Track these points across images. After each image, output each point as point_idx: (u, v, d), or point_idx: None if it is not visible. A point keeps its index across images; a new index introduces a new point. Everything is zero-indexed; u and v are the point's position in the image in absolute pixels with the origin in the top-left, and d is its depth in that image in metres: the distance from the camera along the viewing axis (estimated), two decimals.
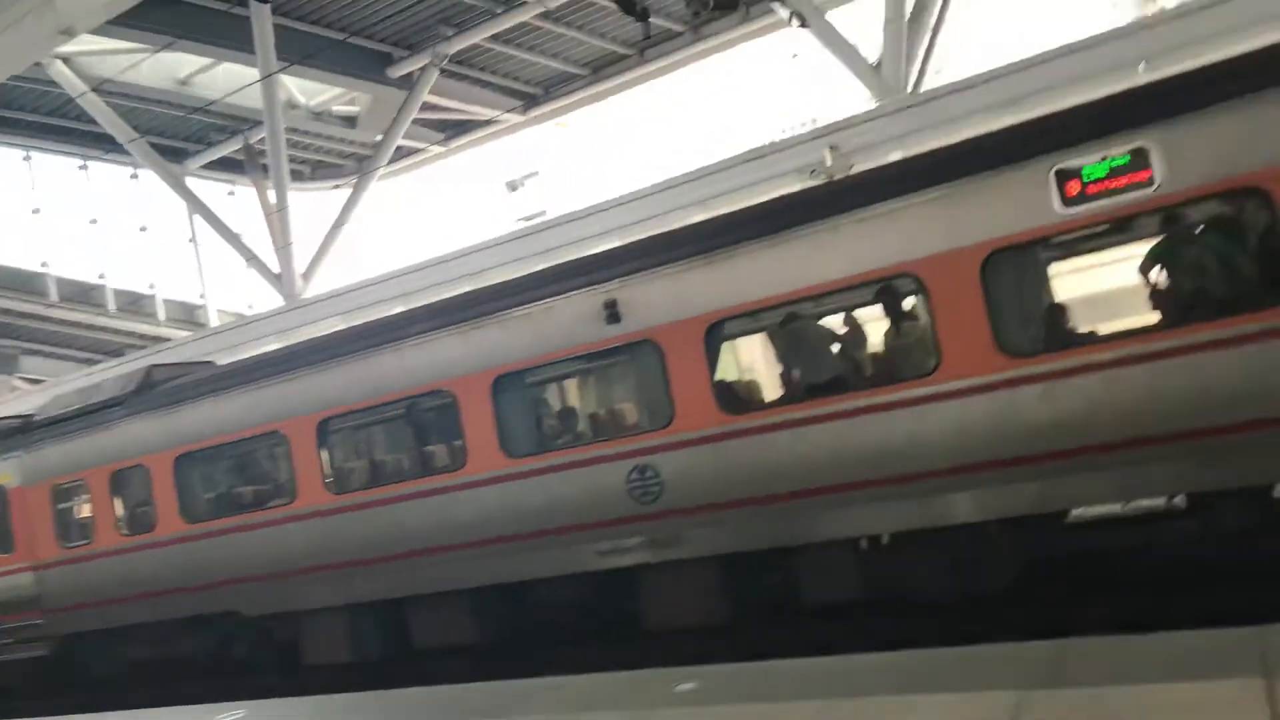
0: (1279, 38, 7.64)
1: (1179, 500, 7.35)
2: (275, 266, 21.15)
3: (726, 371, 8.93)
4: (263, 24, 16.78)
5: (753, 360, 9.34)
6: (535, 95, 23.41)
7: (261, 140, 20.73)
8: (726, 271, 8.16)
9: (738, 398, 8.53)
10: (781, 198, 9.64)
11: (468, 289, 12.48)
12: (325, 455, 10.26)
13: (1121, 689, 4.28)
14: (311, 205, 24.14)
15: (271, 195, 20.86)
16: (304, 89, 21.46)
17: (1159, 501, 7.67)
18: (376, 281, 18.64)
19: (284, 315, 19.64)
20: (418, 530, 9.51)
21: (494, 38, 20.07)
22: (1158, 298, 7.20)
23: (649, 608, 8.66)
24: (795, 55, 12.53)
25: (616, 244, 11.00)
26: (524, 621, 9.59)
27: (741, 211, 9.44)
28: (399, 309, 13.50)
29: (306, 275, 21.24)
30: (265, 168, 21.19)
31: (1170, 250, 7.18)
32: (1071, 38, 12.96)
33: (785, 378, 8.62)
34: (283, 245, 20.59)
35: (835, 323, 8.73)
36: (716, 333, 8.28)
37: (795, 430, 7.84)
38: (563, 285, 9.03)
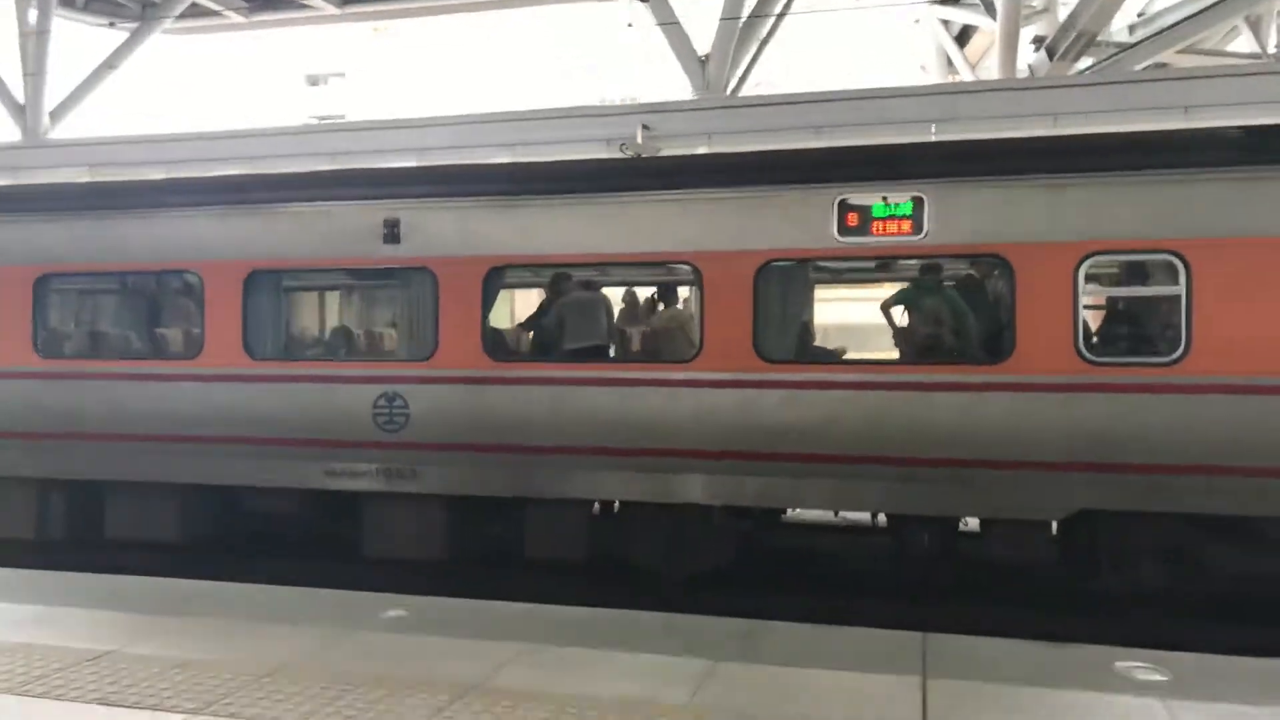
0: (1048, 131, 8.59)
1: (881, 519, 8.15)
2: (20, 97, 18.70)
3: (498, 318, 8.90)
4: None
5: (525, 312, 9.34)
6: None
7: None
8: (518, 220, 8.12)
9: (505, 345, 8.53)
10: (587, 162, 9.70)
11: (241, 172, 11.63)
12: (40, 313, 9.25)
13: (801, 670, 4.69)
14: (77, 40, 21.53)
15: (32, 15, 18.41)
16: None
17: (864, 516, 8.48)
18: (137, 140, 16.91)
19: (18, 151, 17.44)
20: (133, 413, 8.80)
21: None
22: (899, 334, 7.92)
23: (372, 535, 8.51)
24: (630, 25, 12.55)
25: (411, 165, 10.64)
26: (235, 529, 9.15)
27: (546, 165, 9.42)
28: (157, 176, 12.37)
29: (56, 114, 18.94)
30: None
31: (921, 294, 7.90)
32: (881, 84, 13.85)
33: (554, 336, 8.70)
34: (33, 72, 18.23)
35: (613, 294, 8.91)
36: (497, 277, 8.23)
37: (553, 389, 7.95)
38: (346, 191, 8.63)
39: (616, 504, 8.28)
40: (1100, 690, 4.46)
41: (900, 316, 7.92)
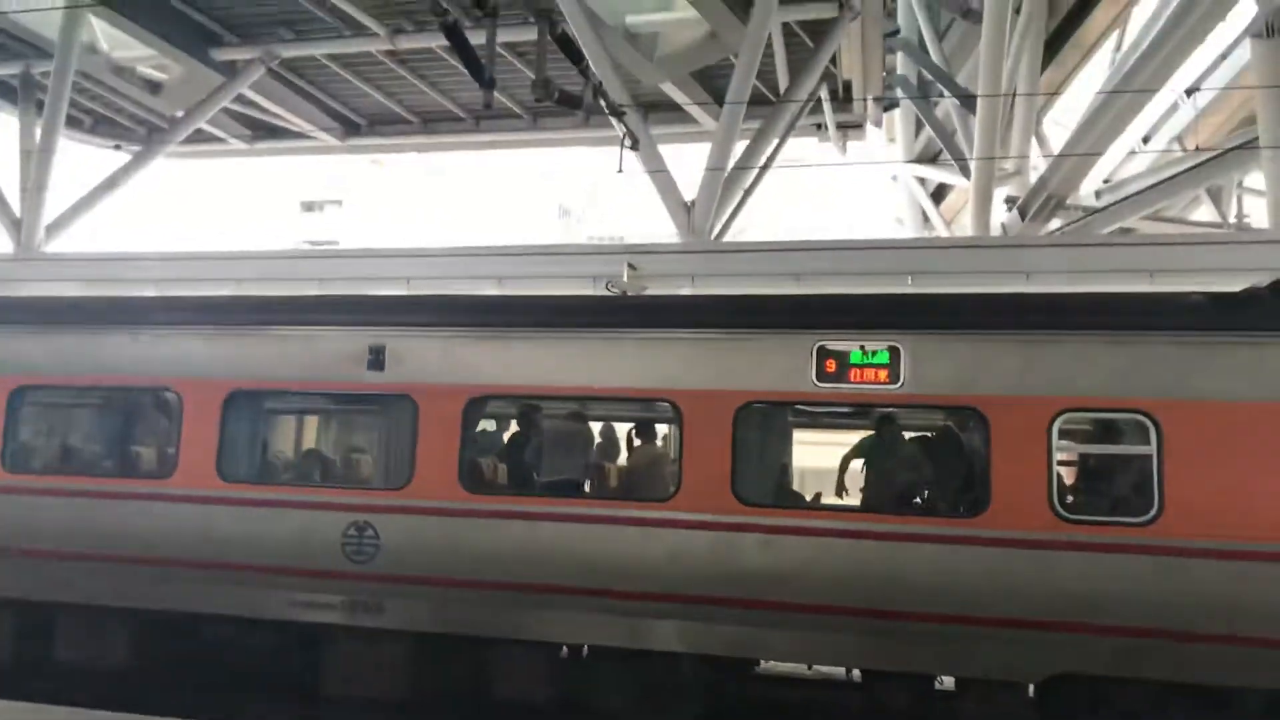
0: (1021, 288, 8.85)
1: (855, 673, 7.94)
2: (17, 210, 18.97)
3: (477, 448, 8.86)
4: None
5: (504, 443, 9.29)
6: (359, 125, 22.85)
7: (46, 74, 18.84)
8: (502, 351, 8.20)
9: (481, 477, 8.45)
10: (572, 297, 9.89)
11: (229, 293, 11.76)
12: (11, 425, 9.13)
13: None
14: (80, 160, 22.05)
15: (38, 132, 18.87)
16: (113, 38, 19.79)
17: (839, 670, 8.26)
18: (129, 258, 17.10)
19: (10, 264, 17.59)
20: (97, 532, 8.57)
21: (333, 56, 19.55)
22: (875, 482, 7.92)
23: (333, 671, 8.18)
24: (620, 171, 13.03)
25: (399, 293, 10.81)
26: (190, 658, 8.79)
27: (532, 298, 9.59)
28: (149, 293, 12.48)
29: (52, 229, 19.18)
30: (41, 104, 19.20)
31: (898, 443, 7.96)
32: (861, 235, 14.34)
33: (531, 469, 8.65)
34: (35, 188, 18.54)
35: (593, 429, 8.92)
36: (477, 407, 8.24)
37: (527, 523, 7.84)
38: (333, 317, 8.72)
39: (585, 648, 8.05)
40: None
41: (876, 465, 7.94)
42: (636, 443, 9.14)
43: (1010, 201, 16.88)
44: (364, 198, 56.08)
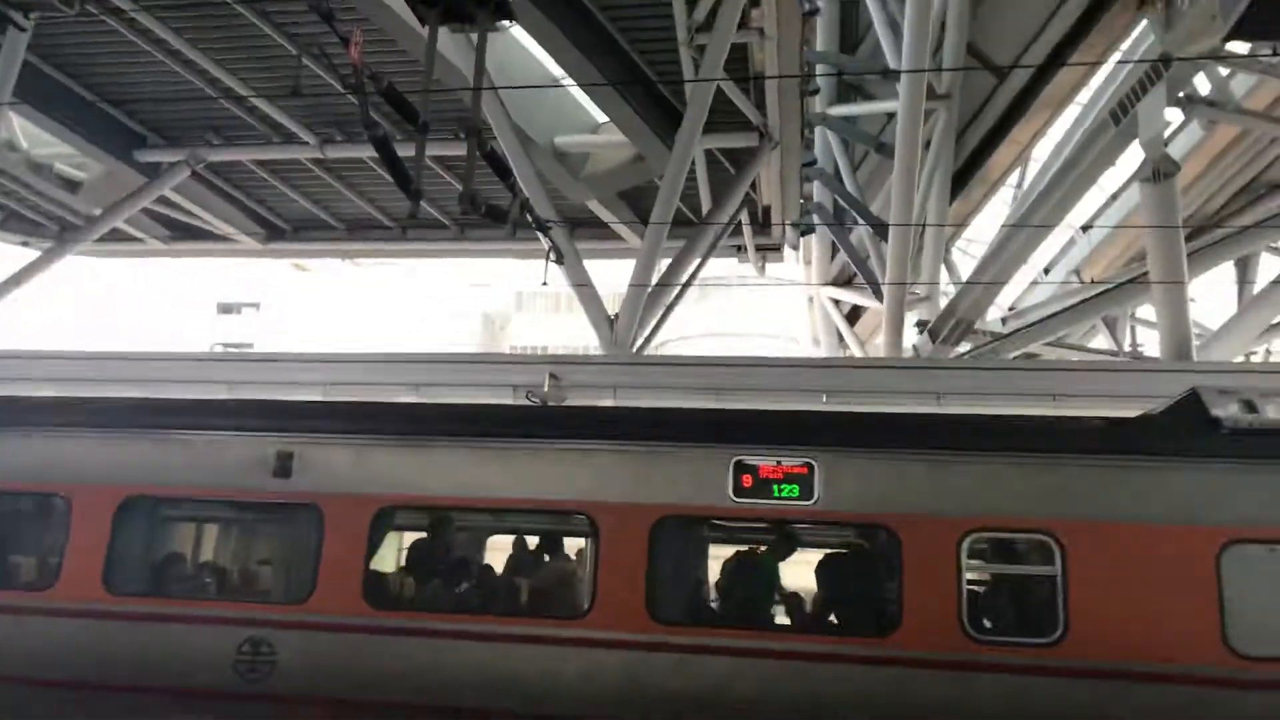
0: (932, 409, 9.08)
1: None
2: None
3: (382, 561, 8.56)
4: (13, 52, 15.29)
5: (413, 556, 9.01)
6: (282, 230, 22.75)
7: None
8: (413, 460, 8.03)
9: (386, 591, 8.14)
10: (488, 406, 9.81)
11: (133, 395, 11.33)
12: None
13: None
14: None
15: None
16: (32, 135, 19.54)
17: None
18: (33, 355, 16.46)
19: None
20: None
21: (261, 162, 19.57)
22: (789, 600, 7.87)
23: None
24: (545, 284, 13.16)
25: (312, 399, 10.59)
26: None
27: (446, 406, 9.48)
28: (48, 392, 11.97)
29: None
30: None
31: (812, 560, 7.94)
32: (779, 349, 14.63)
33: (440, 584, 8.38)
34: None
35: (505, 542, 8.74)
36: (386, 518, 8.00)
37: (432, 641, 7.55)
38: (240, 421, 8.46)
39: None
40: None
41: (790, 582, 7.90)
42: (549, 557, 8.97)
43: (921, 325, 17.53)
44: (284, 301, 55.47)
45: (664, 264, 16.93)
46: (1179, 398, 7.72)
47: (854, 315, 25.17)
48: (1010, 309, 21.09)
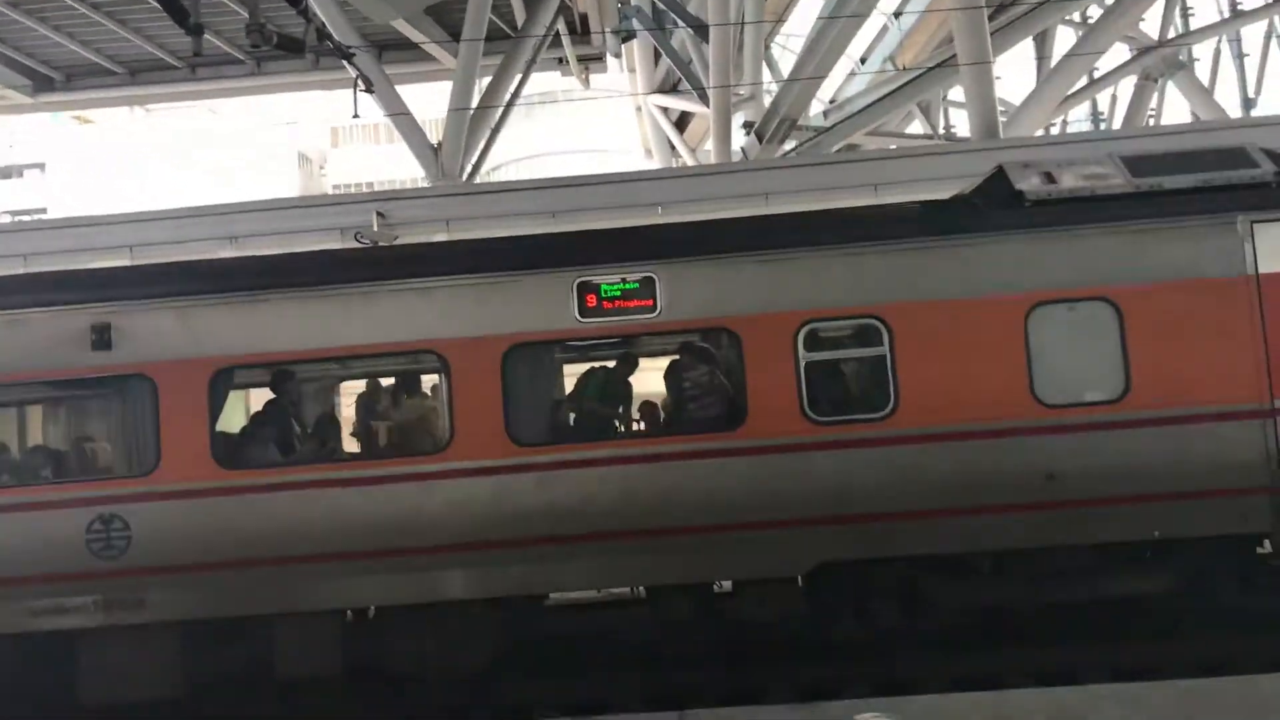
0: (761, 210, 9.30)
1: (640, 590, 8.27)
2: None
3: (229, 422, 8.33)
4: None
5: (262, 415, 8.79)
6: (51, 79, 20.40)
7: None
8: (246, 317, 7.71)
9: (238, 452, 7.97)
10: (320, 253, 9.40)
11: None
12: None
13: None
14: None
15: None
16: None
17: (625, 590, 8.58)
18: None
19: None
20: None
21: (14, 3, 17.23)
22: (642, 408, 8.18)
23: (91, 678, 7.56)
24: (356, 116, 12.42)
25: (120, 264, 9.90)
26: None
27: (276, 257, 9.04)
28: None
29: None
30: None
31: (661, 370, 8.22)
32: (611, 169, 14.54)
33: (292, 438, 8.26)
34: None
35: (351, 388, 8.63)
36: (225, 379, 7.73)
37: (296, 493, 7.52)
38: (44, 297, 7.85)
39: (371, 609, 7.89)
40: None
41: (641, 392, 8.19)
42: (404, 398, 8.94)
43: (748, 126, 17.64)
44: (72, 160, 50.52)
45: (484, 84, 16.22)
46: (986, 175, 8.16)
47: (682, 122, 25.06)
48: (831, 102, 21.41)
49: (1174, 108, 24.17)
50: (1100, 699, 5.31)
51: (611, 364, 8.74)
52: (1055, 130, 20.88)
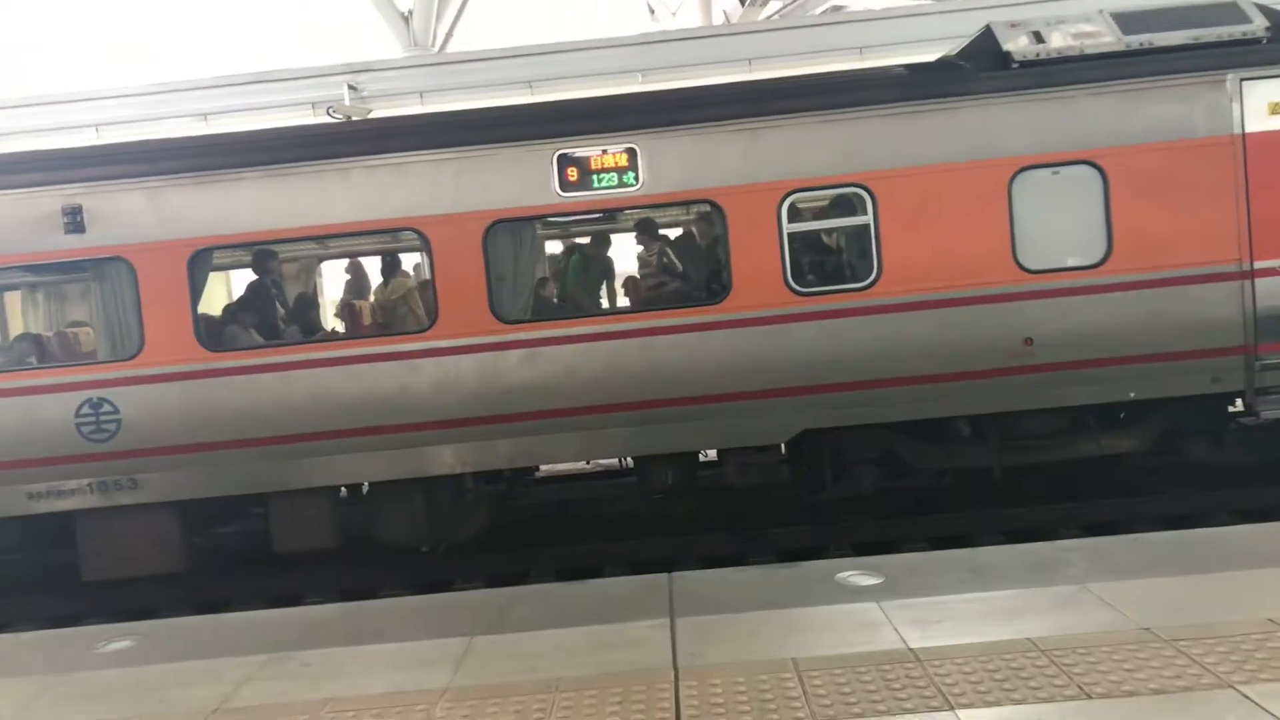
0: (742, 77, 9.06)
1: (628, 462, 8.45)
2: None
3: (212, 304, 8.30)
4: None
5: (244, 296, 8.76)
6: None
7: None
8: (223, 195, 7.57)
9: (223, 333, 7.97)
10: (295, 128, 9.17)
11: None
12: None
13: (555, 632, 4.78)
14: None
15: None
16: None
17: (612, 462, 8.78)
18: None
19: None
20: None
21: None
22: (626, 282, 8.17)
23: (92, 557, 7.76)
24: None
25: (86, 144, 9.63)
26: None
27: (250, 134, 8.80)
28: None
29: None
30: None
31: (642, 243, 8.17)
32: (588, 36, 14.06)
33: (277, 319, 8.25)
34: None
35: (336, 267, 8.56)
36: (204, 260, 7.65)
37: (282, 374, 7.55)
38: (9, 178, 7.66)
39: (365, 485, 8.05)
40: (825, 603, 4.91)
41: (625, 267, 8.16)
42: (387, 276, 8.90)
43: None
44: (15, 35, 48.40)
45: None
46: (975, 36, 7.93)
47: None
48: None
49: None
50: (1070, 552, 5.52)
51: (594, 239, 8.69)
52: None
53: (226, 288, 9.83)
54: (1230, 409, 7.97)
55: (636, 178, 7.49)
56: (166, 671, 4.79)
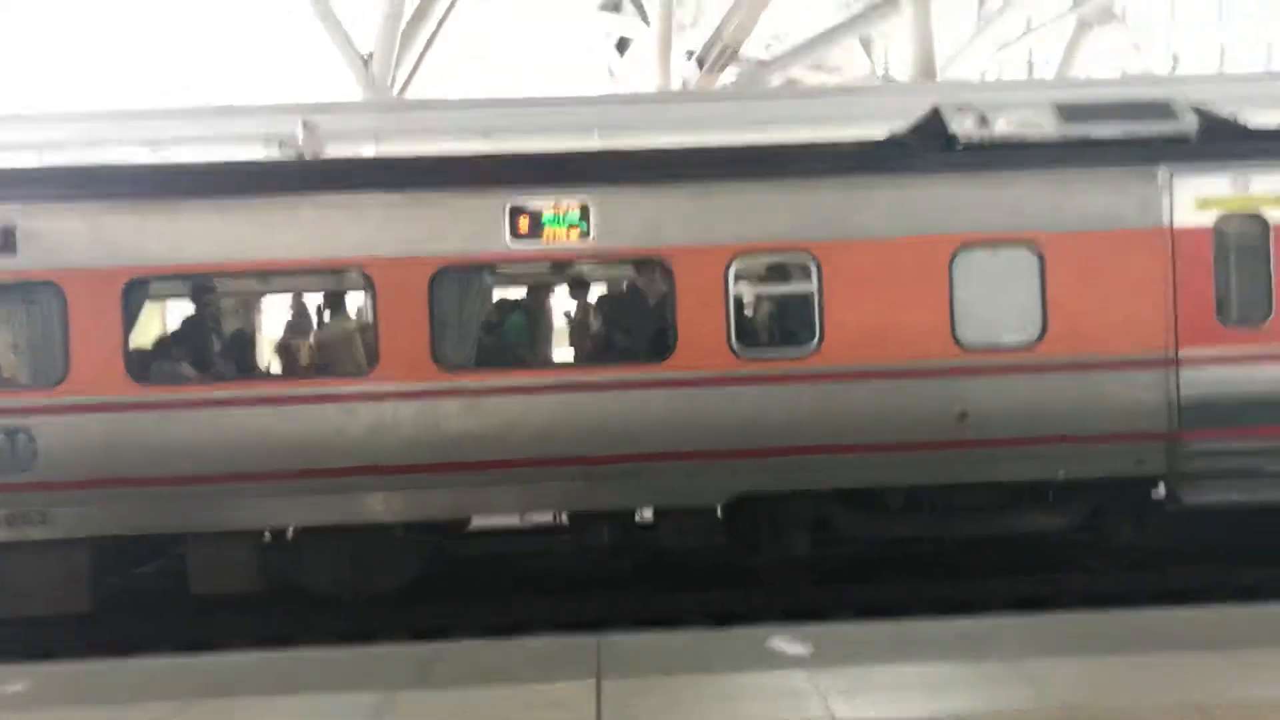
0: (702, 139, 9.22)
1: (563, 518, 8.33)
2: None
3: (144, 336, 8.07)
4: None
5: (179, 329, 8.54)
6: None
7: None
8: (164, 225, 7.41)
9: (154, 366, 7.73)
10: (245, 162, 9.07)
11: None
12: None
13: (480, 690, 4.66)
14: None
15: None
16: None
17: (548, 517, 8.64)
18: None
19: None
20: None
21: None
22: (572, 336, 8.14)
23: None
24: (291, 11, 11.86)
25: (25, 165, 9.42)
26: None
27: (197, 165, 8.67)
28: None
29: None
30: None
31: (590, 296, 8.18)
32: (552, 91, 14.23)
33: (213, 353, 8.05)
34: None
35: (276, 303, 8.41)
36: (139, 290, 7.46)
37: (216, 410, 7.34)
38: None
39: (290, 529, 7.81)
40: (754, 670, 4.86)
41: (570, 318, 8.14)
42: (328, 316, 8.75)
43: (690, 53, 17.37)
44: None
45: None
46: (923, 116, 8.17)
47: (623, 46, 24.55)
48: (775, 37, 21.18)
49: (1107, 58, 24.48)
50: (1000, 628, 5.56)
51: (541, 290, 8.66)
52: (990, 77, 21.00)
53: (162, 319, 9.59)
54: (1153, 493, 8.15)
55: (588, 231, 7.51)
56: (62, 719, 4.54)
